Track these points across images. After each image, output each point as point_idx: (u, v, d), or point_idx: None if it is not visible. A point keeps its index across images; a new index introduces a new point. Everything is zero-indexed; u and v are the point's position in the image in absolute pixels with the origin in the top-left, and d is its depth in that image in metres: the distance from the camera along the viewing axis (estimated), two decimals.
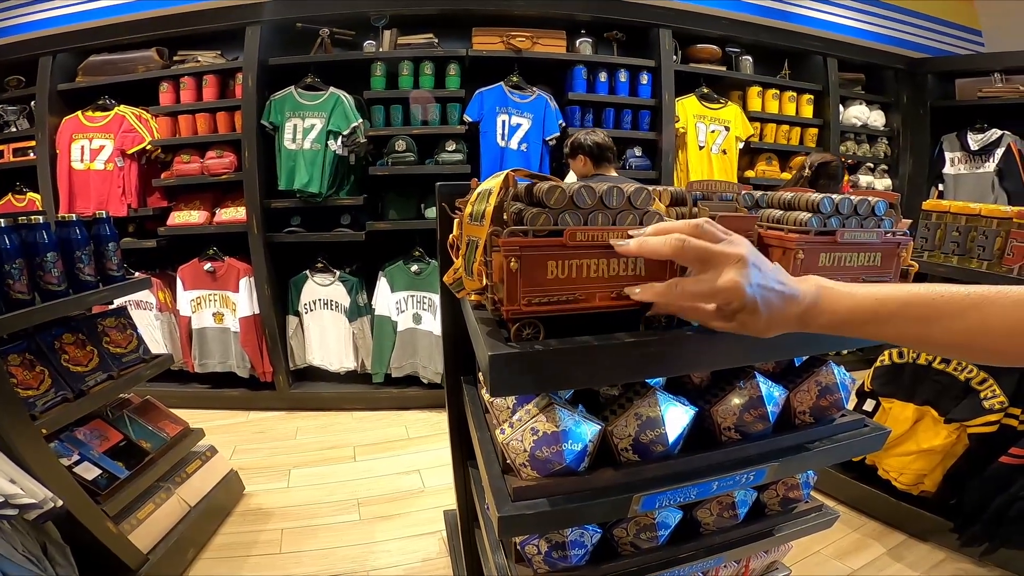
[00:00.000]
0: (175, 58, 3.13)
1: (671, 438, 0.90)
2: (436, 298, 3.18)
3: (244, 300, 3.10)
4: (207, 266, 3.07)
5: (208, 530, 2.10)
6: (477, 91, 3.01)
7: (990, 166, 3.72)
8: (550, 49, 3.08)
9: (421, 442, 2.91)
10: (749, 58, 3.46)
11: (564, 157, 2.77)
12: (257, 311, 3.14)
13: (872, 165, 3.94)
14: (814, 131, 3.70)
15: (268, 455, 2.76)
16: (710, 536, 1.14)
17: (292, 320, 3.25)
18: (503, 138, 3.09)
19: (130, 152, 3.03)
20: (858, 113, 3.80)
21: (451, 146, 3.02)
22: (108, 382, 1.76)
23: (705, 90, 3.36)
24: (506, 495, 0.86)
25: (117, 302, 2.01)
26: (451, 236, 1.07)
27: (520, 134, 3.09)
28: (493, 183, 0.73)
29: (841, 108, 3.74)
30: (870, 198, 0.88)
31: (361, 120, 2.88)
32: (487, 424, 1.11)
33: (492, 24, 3.06)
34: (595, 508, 0.87)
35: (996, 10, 4.21)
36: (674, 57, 3.22)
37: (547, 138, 3.13)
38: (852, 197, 0.87)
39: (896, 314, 0.53)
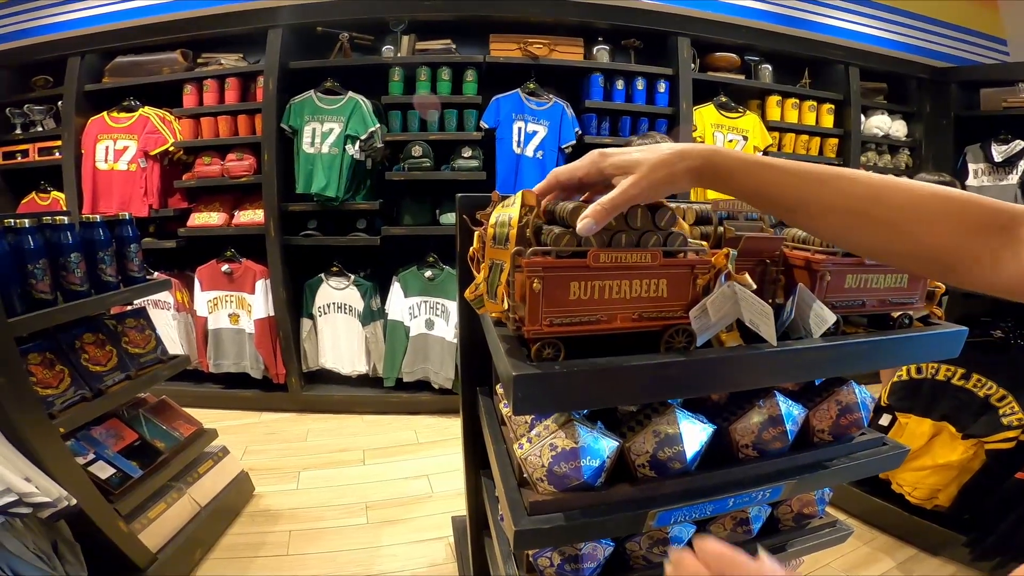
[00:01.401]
0: (199, 60, 3.18)
1: (688, 455, 0.90)
2: (449, 304, 3.18)
3: (260, 302, 3.13)
4: (224, 267, 3.10)
5: (217, 530, 2.11)
6: (494, 97, 3.01)
7: (1013, 178, 3.63)
8: (567, 56, 3.08)
9: (430, 447, 2.91)
10: (768, 67, 3.43)
11: None
12: (272, 313, 3.17)
13: (895, 177, 3.87)
14: (834, 141, 3.65)
15: (278, 456, 2.78)
16: None
17: (306, 323, 3.27)
18: (519, 145, 3.09)
19: (153, 153, 3.09)
20: (880, 123, 3.74)
21: (467, 152, 3.03)
22: (126, 382, 1.78)
23: (723, 99, 3.33)
24: (522, 509, 0.87)
25: (136, 302, 2.04)
26: (471, 249, 1.06)
27: (536, 141, 3.09)
28: (514, 209, 0.73)
29: (863, 118, 3.69)
30: None
31: (379, 125, 2.90)
32: (503, 437, 1.11)
33: (509, 31, 3.06)
34: (610, 523, 0.87)
35: (1022, 18, 4.12)
36: (692, 65, 3.19)
37: (563, 146, 3.12)
38: None
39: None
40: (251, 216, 3.02)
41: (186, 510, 1.97)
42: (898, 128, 3.83)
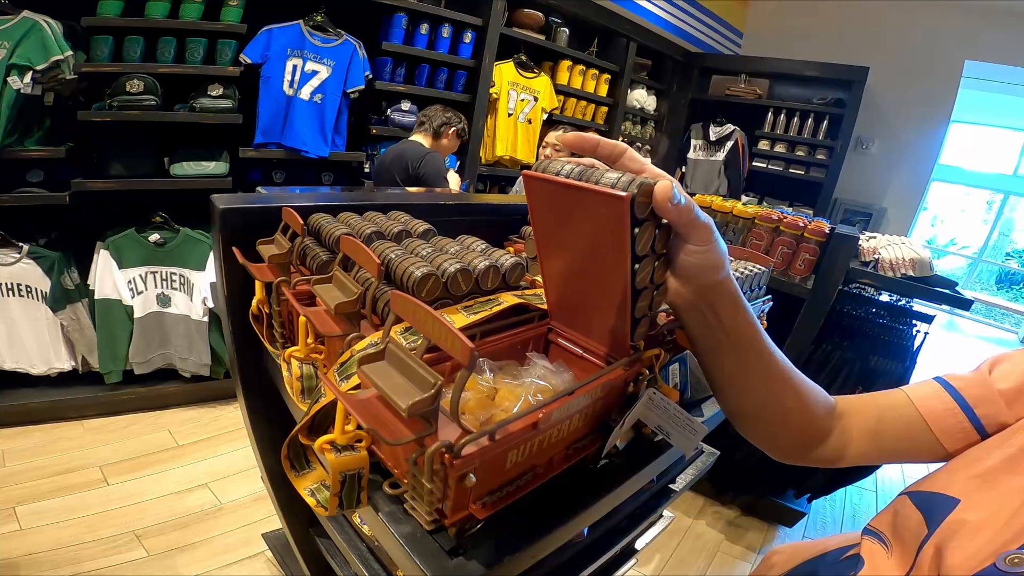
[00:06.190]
0: None
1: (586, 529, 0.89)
2: (191, 275, 2.51)
3: None
4: None
5: None
6: (265, 28, 2.23)
7: (720, 156, 4.50)
8: None
9: (197, 448, 2.37)
10: (566, 30, 3.35)
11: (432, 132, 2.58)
12: None
13: (640, 144, 4.39)
14: (604, 109, 3.89)
15: None
16: None
17: None
18: (291, 86, 2.43)
19: None
20: (639, 96, 4.11)
21: (216, 90, 2.23)
22: None
23: (523, 57, 3.17)
24: None
25: None
26: (255, 302, 0.75)
27: (315, 83, 2.47)
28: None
29: (628, 91, 3.98)
30: None
31: (70, 53, 1.86)
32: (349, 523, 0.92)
33: None
34: None
35: (761, 16, 4.87)
36: (502, 18, 2.88)
37: (349, 90, 2.58)
38: None
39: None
40: None
41: None
42: (650, 103, 4.29)
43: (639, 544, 1.37)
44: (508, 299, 0.68)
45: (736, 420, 0.60)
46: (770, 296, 1.06)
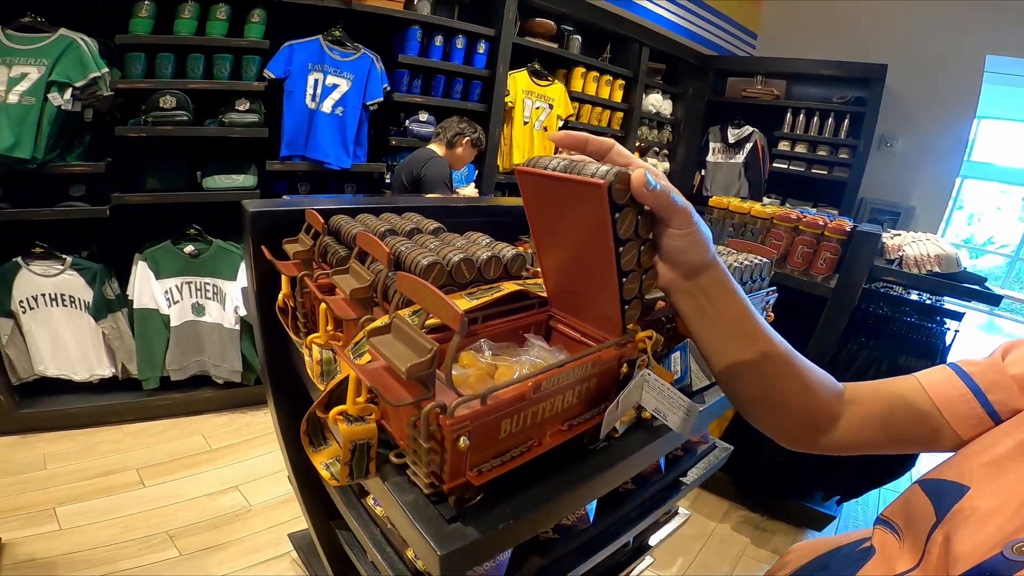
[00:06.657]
0: None
1: (592, 513, 0.95)
2: (224, 285, 2.61)
3: None
4: None
5: None
6: (287, 43, 2.35)
7: (740, 158, 4.46)
8: (386, 3, 2.53)
9: (228, 452, 2.46)
10: (579, 37, 3.41)
11: (447, 142, 2.65)
12: None
13: (657, 149, 4.39)
14: (620, 115, 3.91)
15: (13, 494, 2.05)
16: None
17: (4, 323, 2.33)
18: (313, 99, 2.53)
19: None
20: (654, 101, 4.13)
21: (243, 105, 2.35)
22: None
23: (537, 66, 3.23)
24: None
25: None
26: (280, 295, 0.83)
27: (336, 96, 2.56)
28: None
29: (643, 95, 4.00)
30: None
31: (106, 69, 2.00)
32: (372, 517, 0.95)
33: None
34: None
35: (775, 16, 4.85)
36: (514, 28, 2.96)
37: (368, 102, 2.66)
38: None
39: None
40: None
41: None
42: (666, 107, 4.29)
43: (653, 540, 1.38)
44: (509, 286, 0.73)
45: (740, 406, 0.60)
46: (774, 287, 1.08)
